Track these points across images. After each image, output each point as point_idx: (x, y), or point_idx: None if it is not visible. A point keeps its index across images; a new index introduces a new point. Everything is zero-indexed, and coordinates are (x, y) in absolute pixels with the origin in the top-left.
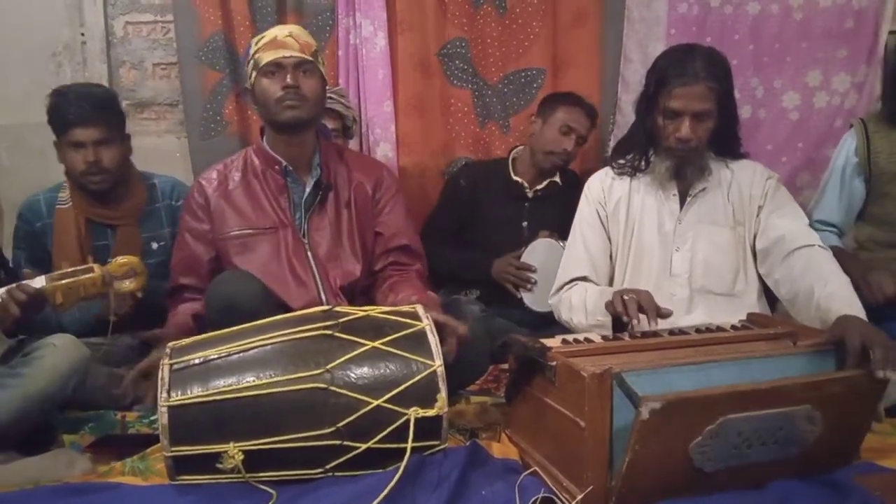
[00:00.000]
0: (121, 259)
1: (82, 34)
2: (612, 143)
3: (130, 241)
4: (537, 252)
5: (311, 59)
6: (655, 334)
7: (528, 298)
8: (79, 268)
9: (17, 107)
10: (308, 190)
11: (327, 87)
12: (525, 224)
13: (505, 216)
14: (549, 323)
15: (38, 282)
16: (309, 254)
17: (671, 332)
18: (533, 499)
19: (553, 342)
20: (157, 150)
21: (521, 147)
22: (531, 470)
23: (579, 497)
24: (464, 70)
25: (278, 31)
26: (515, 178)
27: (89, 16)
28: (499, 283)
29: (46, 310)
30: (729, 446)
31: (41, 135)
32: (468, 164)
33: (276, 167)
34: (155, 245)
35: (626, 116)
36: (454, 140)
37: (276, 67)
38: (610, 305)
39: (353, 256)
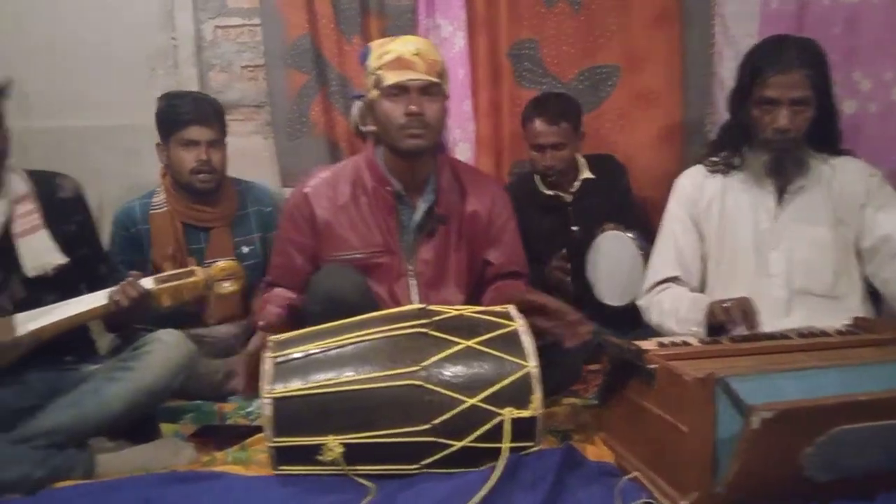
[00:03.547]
0: (221, 263)
1: (173, 38)
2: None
3: (223, 244)
4: (604, 246)
5: (437, 80)
6: (755, 338)
7: (601, 291)
8: (181, 270)
9: (112, 109)
10: (420, 214)
11: None
12: (576, 228)
13: (552, 228)
14: (626, 323)
15: (147, 282)
16: (412, 282)
17: (772, 337)
18: None
19: (649, 345)
20: (245, 150)
21: None
22: (632, 475)
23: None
24: (532, 71)
25: (403, 48)
26: (547, 191)
27: (180, 21)
28: (555, 287)
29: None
30: (841, 457)
31: (134, 137)
32: (505, 186)
33: (388, 188)
34: (246, 249)
35: (720, 114)
36: (521, 142)
37: (400, 90)
38: (711, 316)
39: (456, 288)
